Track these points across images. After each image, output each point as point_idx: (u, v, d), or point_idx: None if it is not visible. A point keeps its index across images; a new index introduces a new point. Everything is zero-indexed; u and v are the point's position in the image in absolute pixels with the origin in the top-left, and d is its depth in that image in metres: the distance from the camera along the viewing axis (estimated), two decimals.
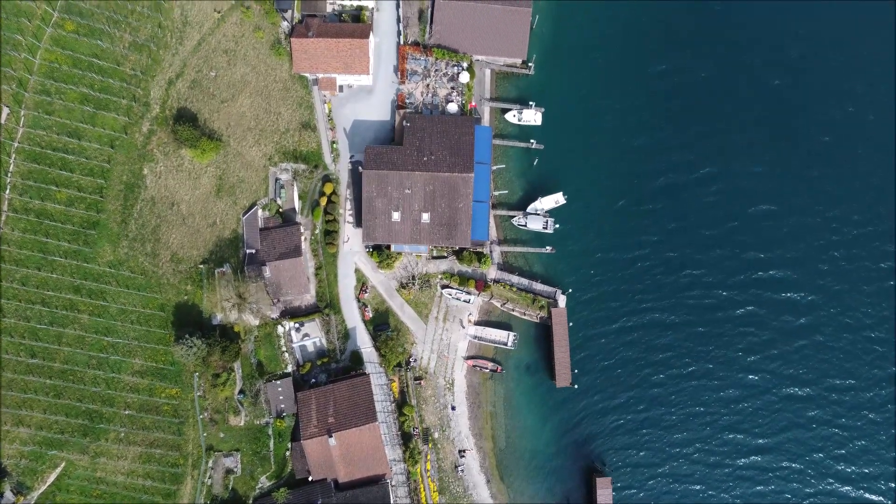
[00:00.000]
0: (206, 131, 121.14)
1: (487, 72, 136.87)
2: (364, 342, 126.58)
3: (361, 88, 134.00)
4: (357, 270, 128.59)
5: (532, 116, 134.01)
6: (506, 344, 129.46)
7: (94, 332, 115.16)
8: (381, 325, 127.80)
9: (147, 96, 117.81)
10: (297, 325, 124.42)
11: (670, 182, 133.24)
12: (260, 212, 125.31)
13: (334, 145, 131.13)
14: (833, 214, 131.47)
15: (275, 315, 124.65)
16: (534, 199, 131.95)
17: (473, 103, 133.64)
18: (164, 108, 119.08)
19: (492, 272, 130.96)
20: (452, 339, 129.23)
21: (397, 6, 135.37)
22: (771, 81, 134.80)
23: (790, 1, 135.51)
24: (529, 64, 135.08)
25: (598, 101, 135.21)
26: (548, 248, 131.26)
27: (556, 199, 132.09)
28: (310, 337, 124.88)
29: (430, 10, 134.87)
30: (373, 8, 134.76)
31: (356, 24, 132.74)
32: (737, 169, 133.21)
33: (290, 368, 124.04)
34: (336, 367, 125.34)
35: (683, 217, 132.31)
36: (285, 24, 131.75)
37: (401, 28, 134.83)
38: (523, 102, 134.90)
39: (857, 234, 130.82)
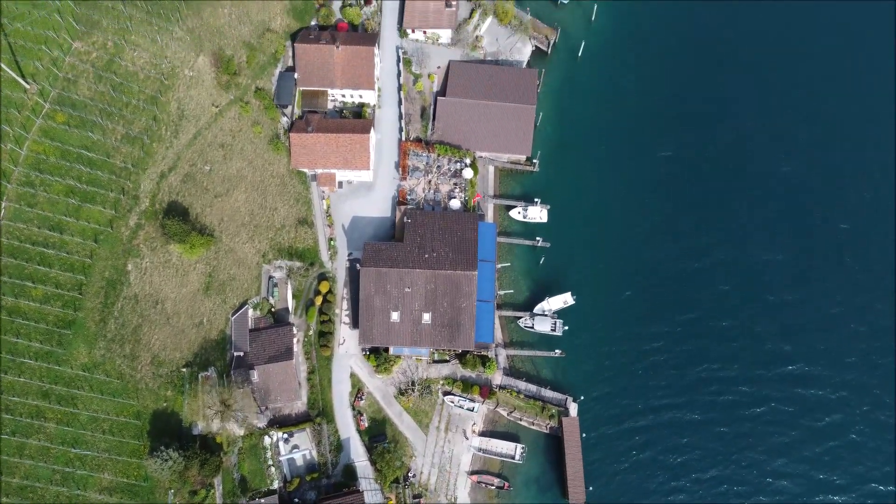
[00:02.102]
0: (196, 226, 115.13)
1: (491, 168, 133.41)
2: (358, 454, 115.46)
3: (361, 184, 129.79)
4: (352, 375, 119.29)
5: (537, 213, 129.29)
6: (513, 457, 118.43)
7: (61, 443, 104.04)
8: (378, 435, 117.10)
9: (137, 189, 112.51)
10: (285, 436, 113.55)
11: (682, 271, 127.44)
12: (250, 311, 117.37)
13: (332, 242, 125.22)
14: (857, 303, 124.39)
15: (261, 424, 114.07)
16: (541, 300, 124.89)
17: (479, 194, 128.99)
18: (154, 201, 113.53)
19: (497, 378, 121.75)
20: (455, 451, 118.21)
21: (399, 103, 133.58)
22: (780, 168, 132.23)
23: (794, 85, 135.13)
24: (534, 161, 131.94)
25: (605, 197, 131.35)
26: (557, 351, 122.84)
27: (564, 300, 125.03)
28: (299, 449, 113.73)
29: (432, 107, 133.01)
30: (374, 105, 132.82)
31: (357, 119, 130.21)
32: (751, 256, 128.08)
33: (276, 485, 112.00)
34: (327, 484, 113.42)
35: (698, 307, 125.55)
36: (285, 119, 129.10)
37: (402, 124, 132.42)
38: (528, 199, 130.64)
39: (885, 324, 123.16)
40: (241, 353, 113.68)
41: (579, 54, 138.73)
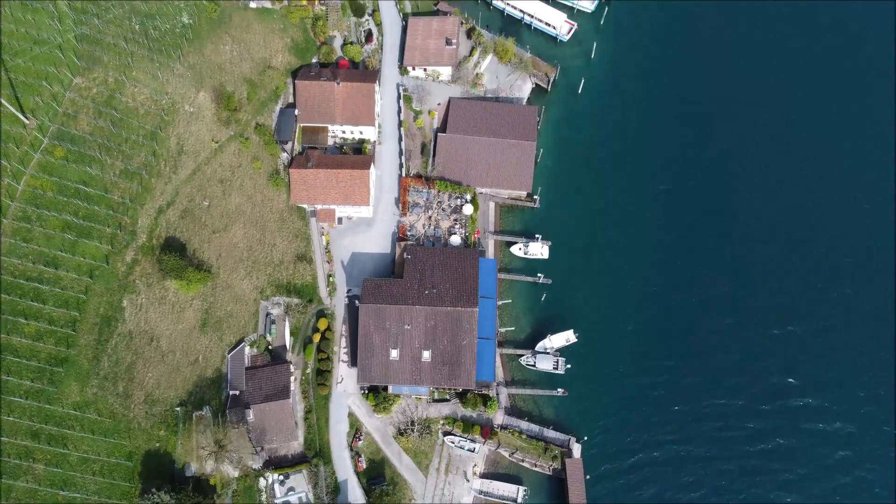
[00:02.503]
0: (194, 262, 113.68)
1: (491, 204, 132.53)
2: (356, 497, 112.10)
3: (361, 220, 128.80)
4: (351, 415, 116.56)
5: (538, 250, 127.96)
6: (515, 500, 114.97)
7: (50, 486, 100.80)
8: (376, 477, 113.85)
9: (134, 225, 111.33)
10: (281, 478, 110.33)
11: (684, 305, 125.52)
12: (247, 349, 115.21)
13: (331, 278, 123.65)
14: (862, 334, 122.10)
15: (257, 465, 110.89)
16: (543, 337, 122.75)
17: (479, 230, 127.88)
18: (152, 237, 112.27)
19: (499, 417, 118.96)
20: (456, 493, 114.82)
21: (399, 139, 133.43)
22: (781, 200, 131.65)
23: (794, 121, 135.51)
24: (535, 197, 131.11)
25: (606, 233, 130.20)
26: (559, 390, 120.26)
27: (566, 337, 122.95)
28: (295, 491, 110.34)
29: (432, 143, 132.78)
30: (375, 141, 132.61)
31: (357, 155, 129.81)
32: (754, 289, 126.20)
33: None
34: None
35: (701, 341, 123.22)
36: (285, 155, 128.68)
37: (403, 160, 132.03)
38: (529, 235, 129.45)
39: (886, 356, 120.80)
40: (237, 392, 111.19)
41: (579, 91, 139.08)
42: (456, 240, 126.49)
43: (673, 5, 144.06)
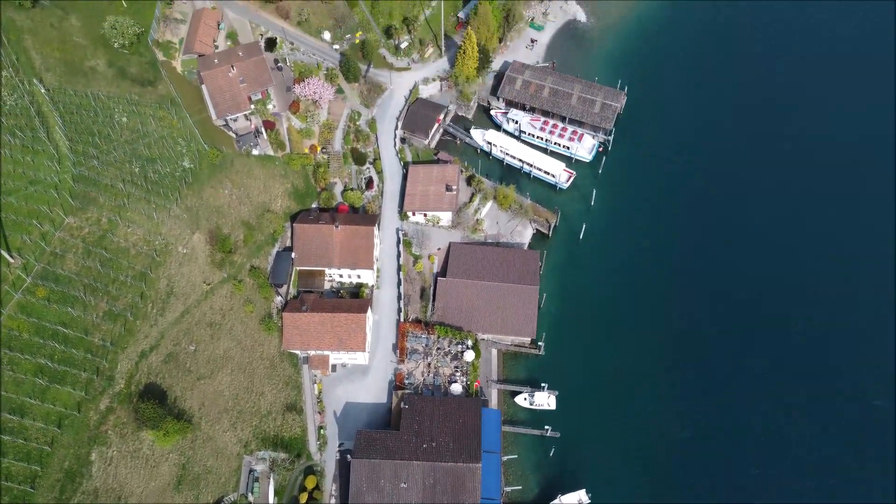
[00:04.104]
0: (174, 411, 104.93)
1: (494, 351, 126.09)
2: None
3: (356, 367, 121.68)
4: None
5: (545, 400, 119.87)
6: None
7: None
8: None
9: (113, 369, 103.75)
10: None
11: (700, 455, 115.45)
12: None
13: (322, 431, 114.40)
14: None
15: None
16: (553, 497, 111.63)
17: (478, 380, 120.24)
18: (131, 383, 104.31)
19: None
20: None
21: (398, 284, 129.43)
22: (794, 335, 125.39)
23: (803, 255, 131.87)
24: (539, 343, 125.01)
25: (616, 381, 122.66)
26: None
27: (578, 498, 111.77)
28: None
29: (432, 287, 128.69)
30: (373, 285, 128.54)
31: (354, 299, 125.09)
32: (772, 430, 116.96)
33: None
34: None
35: (719, 494, 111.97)
36: (279, 299, 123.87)
37: (401, 305, 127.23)
38: (534, 385, 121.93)
39: None
40: None
41: (580, 237, 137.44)
42: (457, 388, 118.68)
43: (669, 157, 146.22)
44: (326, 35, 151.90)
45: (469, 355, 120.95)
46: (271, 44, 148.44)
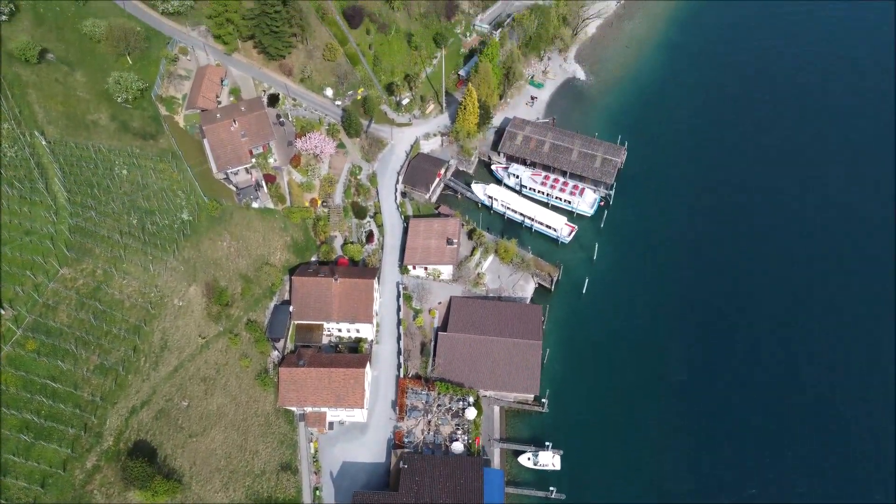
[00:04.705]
0: (164, 469, 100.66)
1: (496, 408, 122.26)
2: None
3: (354, 425, 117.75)
4: None
5: (549, 460, 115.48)
6: None
7: None
8: None
9: (101, 426, 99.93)
10: None
11: None
12: None
13: (317, 492, 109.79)
14: None
15: None
16: None
17: (478, 438, 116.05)
18: (119, 439, 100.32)
19: None
20: None
21: (398, 338, 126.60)
22: (801, 390, 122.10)
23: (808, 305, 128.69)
24: (543, 400, 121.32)
25: (622, 439, 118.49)
26: None
27: None
28: None
29: (432, 342, 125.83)
30: (372, 340, 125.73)
31: (353, 354, 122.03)
32: (782, 485, 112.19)
33: None
34: None
35: None
36: (276, 353, 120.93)
37: (401, 360, 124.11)
38: (538, 444, 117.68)
39: None
40: None
41: (583, 291, 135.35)
42: (458, 447, 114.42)
43: (671, 211, 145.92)
44: (329, 91, 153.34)
45: (471, 413, 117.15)
46: (274, 99, 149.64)
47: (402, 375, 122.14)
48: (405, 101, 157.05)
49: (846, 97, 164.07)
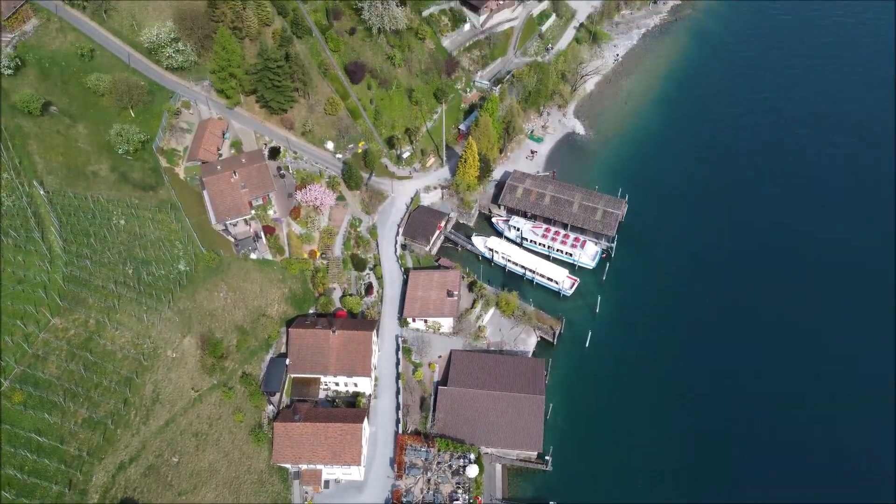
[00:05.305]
0: None
1: (498, 466, 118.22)
2: None
3: (350, 484, 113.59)
4: None
5: None
6: None
7: None
8: None
9: (87, 483, 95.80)
10: None
11: None
12: None
13: None
14: None
15: None
16: None
17: (479, 498, 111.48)
18: (105, 497, 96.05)
19: None
20: None
21: (397, 393, 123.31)
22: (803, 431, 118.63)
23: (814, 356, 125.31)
24: (546, 458, 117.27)
25: (631, 498, 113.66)
26: None
27: None
28: None
29: (432, 397, 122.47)
30: (370, 394, 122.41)
31: (350, 409, 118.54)
32: None
33: None
34: None
35: None
36: (271, 407, 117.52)
37: (400, 415, 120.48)
38: (543, 503, 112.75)
39: None
40: None
41: (586, 345, 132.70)
42: None
43: (673, 263, 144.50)
44: (329, 145, 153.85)
45: (472, 470, 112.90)
46: (275, 152, 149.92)
47: (400, 431, 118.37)
48: (406, 155, 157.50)
49: (843, 144, 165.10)
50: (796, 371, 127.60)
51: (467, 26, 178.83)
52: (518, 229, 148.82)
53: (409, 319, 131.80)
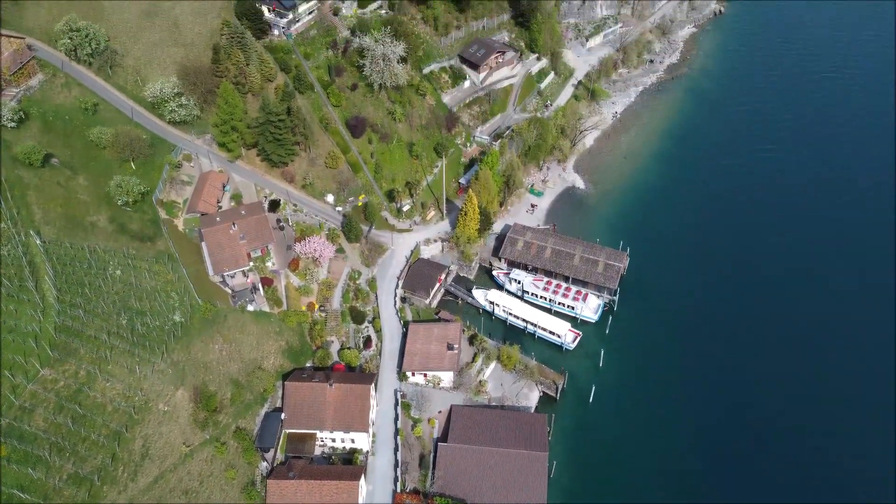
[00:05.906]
0: None
1: None
2: None
3: None
4: None
5: None
6: None
7: None
8: None
9: None
10: None
11: None
12: None
13: None
14: None
15: None
16: None
17: None
18: None
19: None
20: None
21: (395, 449, 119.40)
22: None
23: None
24: None
25: None
26: None
27: None
28: None
29: (432, 454, 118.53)
30: (367, 451, 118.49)
31: (347, 466, 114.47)
32: None
33: None
34: None
35: None
36: (264, 464, 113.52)
37: (398, 473, 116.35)
38: None
39: None
40: None
41: (590, 400, 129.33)
42: None
43: (677, 316, 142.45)
44: (330, 198, 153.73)
45: None
46: (275, 205, 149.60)
47: (399, 490, 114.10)
48: (406, 208, 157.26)
49: (843, 194, 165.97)
50: (807, 426, 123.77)
51: (467, 83, 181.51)
52: (519, 282, 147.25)
53: (409, 373, 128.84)
